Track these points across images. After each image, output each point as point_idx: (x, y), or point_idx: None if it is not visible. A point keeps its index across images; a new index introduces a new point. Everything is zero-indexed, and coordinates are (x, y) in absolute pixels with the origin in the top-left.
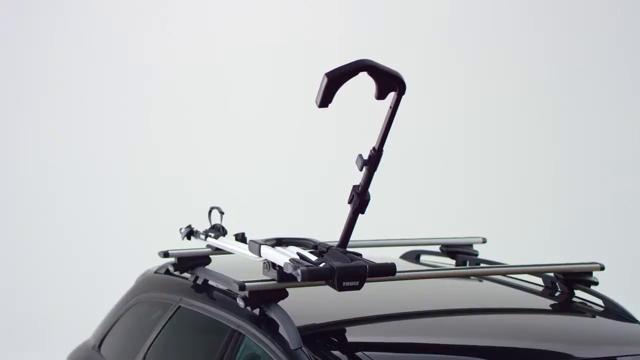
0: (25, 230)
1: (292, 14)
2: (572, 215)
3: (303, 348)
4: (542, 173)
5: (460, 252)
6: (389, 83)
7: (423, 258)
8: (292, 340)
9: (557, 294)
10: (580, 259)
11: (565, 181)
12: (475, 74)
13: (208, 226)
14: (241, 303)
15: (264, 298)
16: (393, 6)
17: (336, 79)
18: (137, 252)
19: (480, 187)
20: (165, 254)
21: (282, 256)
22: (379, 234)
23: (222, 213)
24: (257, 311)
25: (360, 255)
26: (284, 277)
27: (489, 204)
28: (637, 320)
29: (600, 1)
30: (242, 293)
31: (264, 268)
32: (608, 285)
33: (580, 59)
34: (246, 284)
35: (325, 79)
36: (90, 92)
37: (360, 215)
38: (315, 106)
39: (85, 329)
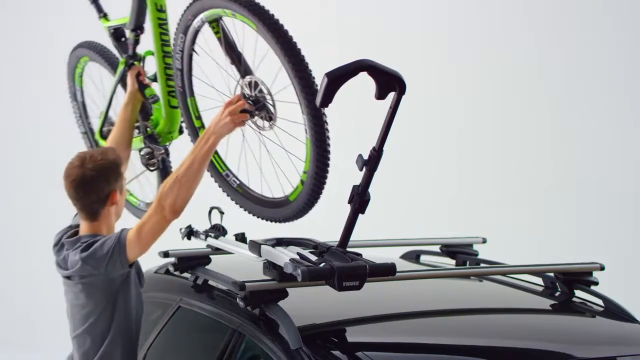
0: (25, 231)
1: (292, 13)
2: (572, 216)
3: (303, 348)
4: (542, 173)
5: (460, 252)
6: (389, 83)
7: (423, 258)
8: (292, 340)
9: (557, 294)
10: (580, 259)
11: (566, 181)
12: (472, 75)
13: (208, 226)
14: (241, 303)
15: (264, 298)
16: (393, 6)
17: (336, 79)
18: None
19: (480, 187)
20: (165, 254)
21: (282, 256)
22: (379, 234)
23: (222, 213)
24: (257, 311)
25: (360, 255)
26: (284, 277)
27: (489, 204)
28: (637, 320)
29: (598, 2)
30: (242, 293)
31: (264, 268)
32: (608, 285)
33: (576, 59)
34: (246, 284)
35: (326, 79)
36: (89, 92)
37: (360, 215)
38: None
39: None
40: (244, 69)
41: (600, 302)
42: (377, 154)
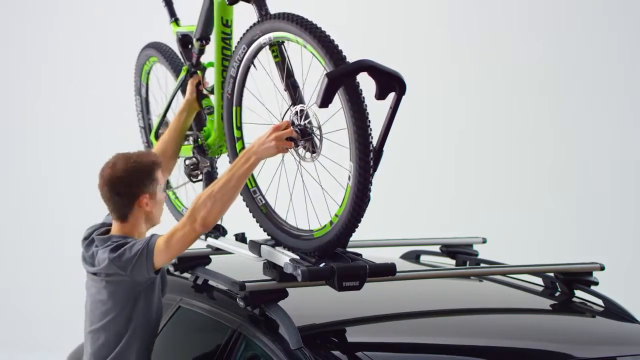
0: (25, 231)
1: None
2: (572, 216)
3: (303, 348)
4: (542, 173)
5: (460, 252)
6: (389, 83)
7: (423, 258)
8: (292, 340)
9: (557, 294)
10: (580, 259)
11: (566, 181)
12: (472, 75)
13: None
14: (241, 303)
15: (264, 298)
16: (393, 5)
17: (337, 79)
18: None
19: (480, 187)
20: None
21: (283, 256)
22: (379, 234)
23: None
24: (257, 311)
25: (360, 255)
26: (284, 277)
27: (489, 204)
28: (637, 320)
29: (598, 2)
30: (242, 293)
31: (264, 268)
32: (608, 285)
33: (576, 59)
34: (246, 284)
35: (326, 80)
36: (89, 92)
37: None
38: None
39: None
40: (297, 98)
41: (600, 302)
42: (377, 154)
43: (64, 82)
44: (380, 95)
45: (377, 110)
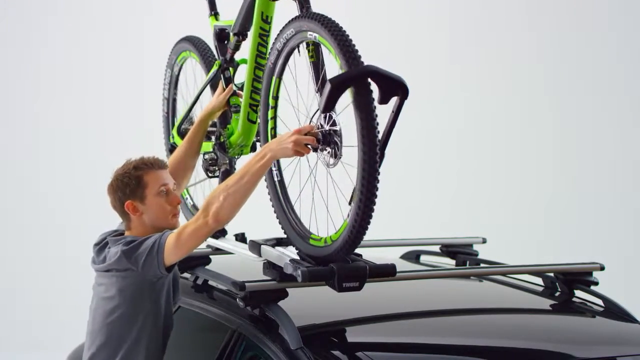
0: (26, 231)
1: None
2: (572, 216)
3: (303, 348)
4: (543, 173)
5: (460, 252)
6: (392, 88)
7: (423, 258)
8: (292, 340)
9: (557, 294)
10: (580, 259)
11: (566, 181)
12: (472, 76)
13: None
14: (241, 303)
15: (264, 298)
16: (395, 8)
17: (340, 85)
18: None
19: (481, 187)
20: None
21: (283, 256)
22: (379, 234)
23: None
24: (257, 311)
25: (360, 255)
26: (284, 277)
27: (489, 204)
28: (637, 320)
29: (598, 2)
30: (242, 293)
31: (264, 268)
32: (608, 285)
33: (577, 59)
34: (246, 284)
35: (329, 85)
36: (90, 94)
37: None
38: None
39: (85, 329)
40: None
41: (600, 302)
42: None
43: (64, 82)
44: (383, 99)
45: (378, 112)
